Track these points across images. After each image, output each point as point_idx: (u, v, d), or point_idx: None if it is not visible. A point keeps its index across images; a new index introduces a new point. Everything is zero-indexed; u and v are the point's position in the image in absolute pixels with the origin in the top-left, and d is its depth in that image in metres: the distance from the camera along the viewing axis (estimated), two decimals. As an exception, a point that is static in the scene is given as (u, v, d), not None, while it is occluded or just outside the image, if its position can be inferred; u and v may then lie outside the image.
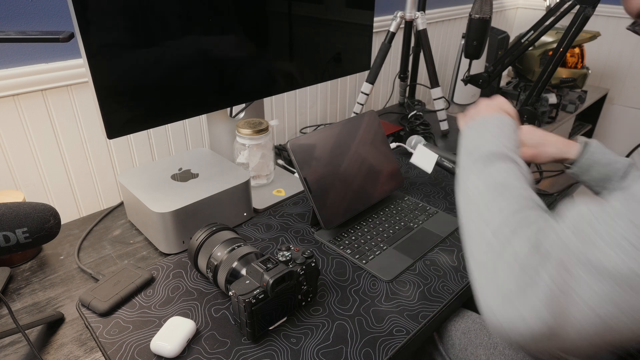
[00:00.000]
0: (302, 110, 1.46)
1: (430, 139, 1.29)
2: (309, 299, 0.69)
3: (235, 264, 0.66)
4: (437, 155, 1.04)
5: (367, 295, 0.72)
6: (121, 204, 0.97)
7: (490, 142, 0.56)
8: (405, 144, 1.18)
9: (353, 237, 0.84)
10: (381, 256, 0.79)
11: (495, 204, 0.47)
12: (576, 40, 1.19)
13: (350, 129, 0.90)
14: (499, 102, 0.68)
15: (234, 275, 0.66)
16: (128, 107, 0.74)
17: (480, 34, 1.18)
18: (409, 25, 1.41)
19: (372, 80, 1.31)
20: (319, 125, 1.51)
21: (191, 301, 0.70)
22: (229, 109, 1.00)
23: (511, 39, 1.89)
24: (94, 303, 0.67)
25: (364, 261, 0.78)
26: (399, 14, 1.29)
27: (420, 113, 1.40)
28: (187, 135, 1.19)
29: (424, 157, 1.05)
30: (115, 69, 0.70)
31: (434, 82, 1.32)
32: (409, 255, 0.79)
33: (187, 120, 1.17)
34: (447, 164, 1.08)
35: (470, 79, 1.30)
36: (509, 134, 0.58)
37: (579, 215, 0.41)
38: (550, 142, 0.76)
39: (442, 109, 1.35)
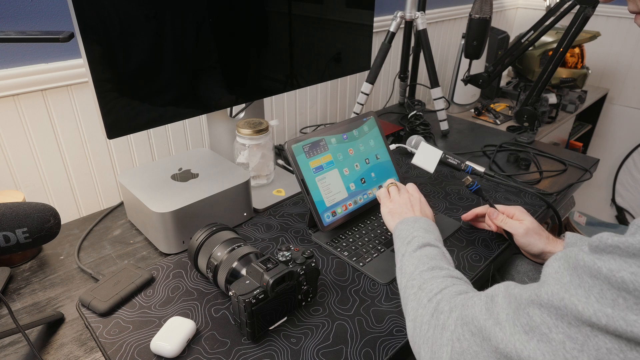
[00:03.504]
0: (302, 110, 1.46)
1: (430, 139, 1.29)
2: (309, 299, 0.69)
3: (235, 264, 0.66)
4: (441, 152, 1.04)
5: (367, 295, 0.72)
6: (121, 204, 0.97)
7: (424, 234, 0.66)
8: (405, 144, 1.18)
9: (350, 240, 0.84)
10: (378, 259, 0.79)
11: (431, 280, 0.57)
12: (576, 40, 1.19)
13: (349, 130, 0.90)
14: (425, 210, 0.77)
15: (234, 275, 0.66)
16: (128, 107, 0.74)
17: (480, 34, 1.18)
18: (409, 25, 1.41)
19: (372, 80, 1.31)
20: (319, 125, 1.51)
21: (191, 301, 0.70)
22: (229, 109, 1.00)
23: (511, 39, 1.89)
24: (94, 303, 0.67)
25: (361, 264, 0.77)
26: (399, 14, 1.29)
27: (420, 113, 1.40)
28: (187, 135, 1.19)
29: (427, 156, 1.05)
30: (114, 69, 0.70)
31: (434, 82, 1.32)
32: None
33: (187, 120, 1.17)
34: (451, 160, 1.08)
35: (470, 79, 1.30)
36: (437, 234, 0.69)
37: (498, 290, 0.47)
38: (542, 236, 0.76)
39: (442, 109, 1.35)
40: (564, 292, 0.38)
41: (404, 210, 0.75)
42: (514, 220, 0.79)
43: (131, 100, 0.74)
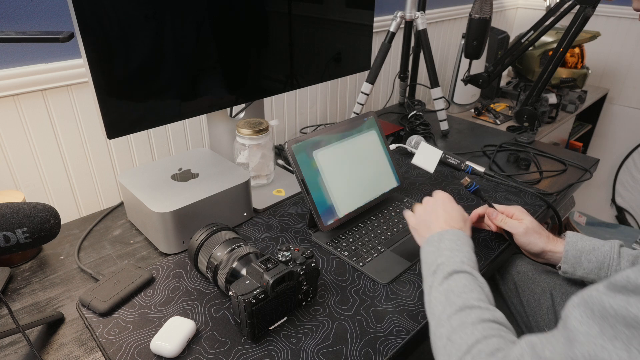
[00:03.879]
0: (302, 110, 1.46)
1: (430, 139, 1.29)
2: (309, 299, 0.69)
3: (235, 264, 0.66)
4: (441, 152, 1.04)
5: (367, 295, 0.72)
6: (121, 204, 0.97)
7: (449, 259, 0.61)
8: (405, 144, 1.18)
9: (351, 240, 0.83)
10: (378, 259, 0.79)
11: (461, 330, 0.51)
12: (576, 40, 1.19)
13: (349, 130, 0.90)
14: (450, 212, 0.70)
15: (234, 275, 0.66)
16: (128, 107, 0.74)
17: (480, 34, 1.18)
18: (409, 25, 1.41)
19: (372, 80, 1.31)
20: (319, 126, 1.51)
21: (191, 301, 0.70)
22: (229, 109, 1.00)
23: (511, 39, 1.89)
24: (94, 303, 0.67)
25: (361, 264, 0.77)
26: (399, 14, 1.29)
27: (420, 113, 1.40)
28: (187, 135, 1.19)
29: (427, 156, 1.05)
30: (115, 69, 0.70)
31: (434, 82, 1.32)
32: (407, 258, 0.79)
33: (187, 120, 1.17)
34: (451, 160, 1.08)
35: (470, 79, 1.30)
36: (465, 249, 0.63)
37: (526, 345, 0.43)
38: (542, 235, 0.76)
39: (442, 109, 1.35)
40: (600, 351, 0.34)
41: (428, 223, 0.70)
42: (514, 220, 0.78)
43: (131, 100, 0.74)
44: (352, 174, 0.88)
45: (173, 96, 0.79)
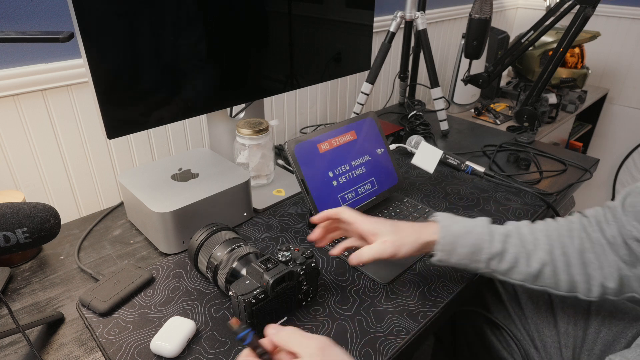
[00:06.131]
0: (302, 110, 1.47)
1: (430, 139, 1.29)
2: (309, 299, 0.69)
3: (235, 264, 0.66)
4: (441, 152, 1.04)
5: (367, 295, 0.72)
6: (121, 204, 0.97)
7: None
8: (405, 144, 1.18)
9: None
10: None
11: None
12: (576, 40, 1.19)
13: (349, 130, 0.90)
14: None
15: (234, 275, 0.66)
16: (128, 107, 0.74)
17: (480, 34, 1.18)
18: (409, 25, 1.41)
19: (372, 80, 1.31)
20: (319, 126, 1.51)
21: (191, 301, 0.70)
22: (229, 109, 1.00)
23: (511, 39, 1.89)
24: (94, 303, 0.67)
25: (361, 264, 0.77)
26: (399, 14, 1.30)
27: (420, 113, 1.40)
28: (187, 135, 1.19)
29: (427, 156, 1.05)
30: (115, 69, 0.70)
31: (434, 82, 1.32)
32: (406, 258, 0.79)
33: (187, 120, 1.17)
34: (451, 160, 1.08)
35: (470, 79, 1.30)
36: None
37: None
38: (405, 238, 0.67)
39: (442, 109, 1.35)
40: None
41: None
42: (374, 247, 0.67)
43: (131, 100, 0.74)
44: (352, 174, 0.88)
45: (173, 96, 0.79)
